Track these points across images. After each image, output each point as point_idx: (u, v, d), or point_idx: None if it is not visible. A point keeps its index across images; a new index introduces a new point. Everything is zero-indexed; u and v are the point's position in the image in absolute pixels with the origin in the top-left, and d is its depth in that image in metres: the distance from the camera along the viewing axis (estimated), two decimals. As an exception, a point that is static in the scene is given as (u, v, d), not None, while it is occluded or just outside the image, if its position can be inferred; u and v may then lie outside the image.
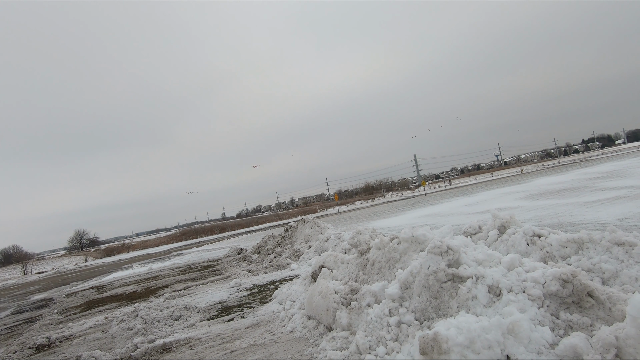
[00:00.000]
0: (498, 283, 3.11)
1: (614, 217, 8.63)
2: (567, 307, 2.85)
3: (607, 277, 3.35)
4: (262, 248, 13.92)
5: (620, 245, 3.47)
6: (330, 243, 10.52)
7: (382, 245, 4.71)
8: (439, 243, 3.58)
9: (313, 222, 13.39)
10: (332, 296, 4.31)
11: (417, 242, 4.34)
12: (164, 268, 17.06)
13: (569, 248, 3.86)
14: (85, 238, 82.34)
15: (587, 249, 3.75)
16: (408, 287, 3.64)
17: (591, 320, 2.69)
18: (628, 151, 61.55)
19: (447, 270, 3.37)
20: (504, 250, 4.54)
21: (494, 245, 4.72)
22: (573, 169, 37.21)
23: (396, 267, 4.29)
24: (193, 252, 25.86)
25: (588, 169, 30.59)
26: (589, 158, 64.02)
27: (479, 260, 3.55)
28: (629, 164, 27.30)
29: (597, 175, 22.54)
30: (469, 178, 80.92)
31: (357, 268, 4.94)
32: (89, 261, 49.71)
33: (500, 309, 2.85)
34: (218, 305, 7.09)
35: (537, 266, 3.28)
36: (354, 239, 5.56)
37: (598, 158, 55.95)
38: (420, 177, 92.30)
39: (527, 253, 4.23)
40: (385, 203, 46.00)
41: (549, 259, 3.92)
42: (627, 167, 24.98)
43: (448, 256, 3.47)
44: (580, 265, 3.53)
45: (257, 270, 10.51)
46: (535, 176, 36.42)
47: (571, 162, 59.61)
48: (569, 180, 22.85)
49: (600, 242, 3.65)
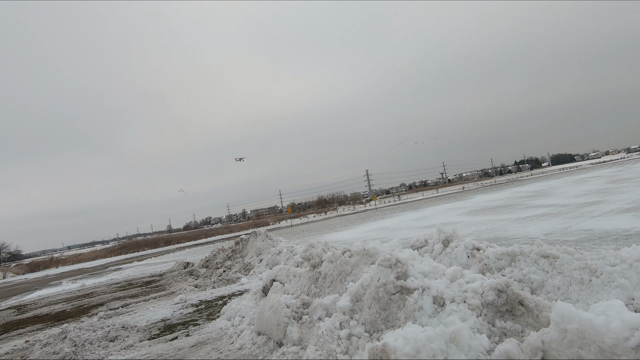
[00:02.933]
0: (442, 294, 3.28)
1: (541, 232, 9.55)
2: (501, 315, 3.08)
3: (535, 287, 3.68)
4: (210, 262, 13.35)
5: (546, 258, 3.85)
6: (283, 256, 10.40)
7: (334, 259, 4.77)
8: (388, 256, 3.71)
9: (265, 235, 13.16)
10: (283, 310, 4.25)
11: (368, 255, 4.46)
12: (99, 284, 15.64)
13: (504, 260, 4.20)
14: (4, 251, 73.02)
15: (519, 261, 4.11)
16: (359, 299, 3.70)
17: (522, 327, 2.94)
18: (552, 173, 69.07)
19: (396, 282, 3.49)
20: (448, 262, 4.82)
21: (439, 258, 4.99)
22: (507, 187, 40.75)
23: (348, 279, 4.36)
24: (134, 266, 24.04)
25: (519, 188, 33.68)
26: (520, 178, 70.63)
27: (425, 272, 3.73)
28: (552, 185, 30.55)
29: (527, 194, 24.89)
30: (416, 194, 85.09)
31: (309, 281, 4.93)
32: (8, 277, 44.04)
33: (443, 318, 3.00)
34: (160, 324, 6.63)
35: (476, 277, 3.52)
36: (306, 252, 5.56)
37: (528, 178, 61.91)
38: (371, 191, 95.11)
39: (467, 265, 4.53)
40: (338, 217, 46.69)
41: (486, 270, 4.23)
42: (551, 187, 27.94)
43: (397, 269, 3.60)
44: (513, 276, 3.85)
45: (205, 285, 10.04)
46: (475, 193, 39.31)
47: (506, 181, 65.27)
48: (504, 198, 24.96)
49: (530, 255, 4.02)
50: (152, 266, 21.03)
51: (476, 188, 58.41)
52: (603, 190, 18.17)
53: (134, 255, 47.18)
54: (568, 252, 3.80)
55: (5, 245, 73.39)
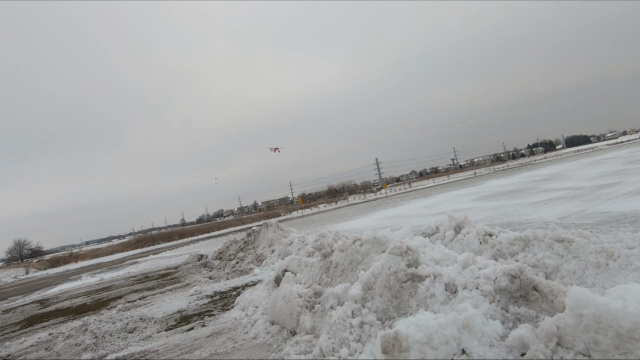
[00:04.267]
0: (454, 281, 3.26)
1: (555, 216, 9.38)
2: (515, 300, 3.05)
3: (549, 272, 3.63)
4: (223, 254, 13.54)
5: (561, 242, 3.78)
6: (294, 247, 10.47)
7: (344, 248, 4.77)
8: (399, 244, 3.69)
9: (276, 225, 13.26)
10: (295, 300, 4.29)
11: (378, 243, 4.44)
12: (117, 278, 16.06)
13: (517, 246, 4.14)
14: (26, 248, 75.37)
15: (532, 246, 4.04)
16: (370, 287, 3.71)
17: (536, 312, 2.90)
18: (566, 155, 67.49)
19: (407, 270, 3.48)
20: (459, 249, 4.78)
21: (450, 245, 4.94)
22: (520, 172, 40.03)
23: (359, 268, 4.36)
24: (150, 259, 24.59)
25: (533, 172, 33.05)
26: (534, 162, 69.26)
27: (436, 259, 3.70)
28: (567, 167, 29.88)
29: (541, 177, 24.41)
30: (427, 181, 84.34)
31: (320, 271, 4.95)
32: (31, 273, 45.56)
33: (456, 305, 2.99)
34: (177, 315, 6.79)
35: (488, 263, 3.48)
36: (317, 242, 5.58)
37: (541, 162, 60.68)
38: (382, 180, 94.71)
39: (480, 251, 4.48)
40: (349, 206, 46.71)
41: (499, 256, 4.18)
42: (566, 170, 27.33)
43: (408, 256, 3.58)
44: (526, 261, 3.80)
45: (219, 276, 10.21)
46: (487, 179, 38.75)
47: (518, 166, 64.10)
48: (517, 182, 24.54)
49: (544, 240, 3.95)
50: (167, 259, 21.47)
51: (488, 173, 57.55)
52: (620, 172, 17.69)
53: (149, 248, 48.23)
54: (583, 235, 3.72)
55: (27, 242, 75.76)
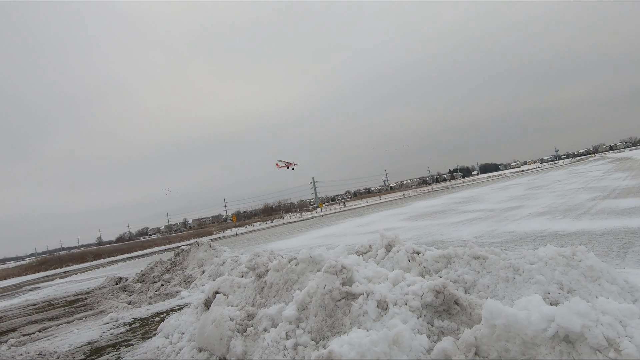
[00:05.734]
0: (385, 298, 3.38)
1: (472, 235, 10.37)
2: (439, 315, 3.26)
3: (468, 286, 3.96)
4: (147, 276, 12.40)
5: (477, 259, 4.17)
6: (227, 267, 10.02)
7: (280, 267, 4.70)
8: (334, 263, 3.75)
9: (208, 244, 12.59)
10: (226, 323, 4.07)
11: (314, 262, 4.46)
12: (11, 307, 13.70)
13: (440, 263, 4.46)
14: None
15: (454, 263, 4.39)
16: (305, 307, 3.68)
17: (457, 325, 3.13)
18: (481, 181, 75.72)
19: (342, 288, 3.53)
20: (390, 266, 5.00)
21: (382, 263, 5.15)
22: (443, 194, 43.76)
23: (294, 288, 4.31)
24: (55, 284, 21.45)
25: (453, 195, 36.36)
26: (454, 185, 76.30)
27: (369, 277, 3.82)
28: (481, 191, 33.45)
29: (460, 200, 26.94)
30: (361, 200, 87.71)
31: (254, 292, 4.79)
32: None
33: (386, 321, 3.10)
34: (86, 347, 5.98)
35: (416, 280, 3.69)
36: (251, 262, 5.41)
37: (460, 186, 67.12)
38: (317, 199, 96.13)
39: (408, 268, 4.73)
40: (284, 224, 46.36)
41: (425, 273, 4.46)
42: (480, 193, 30.57)
43: (342, 275, 3.65)
44: (449, 277, 4.11)
45: (140, 301, 9.29)
46: (415, 200, 41.60)
47: (441, 189, 70.06)
48: (440, 204, 26.74)
49: (463, 257, 4.32)
50: (78, 283, 18.99)
51: (415, 195, 61.83)
52: (522, 196, 20.32)
53: (55, 272, 42.15)
54: (495, 252, 4.16)
55: None
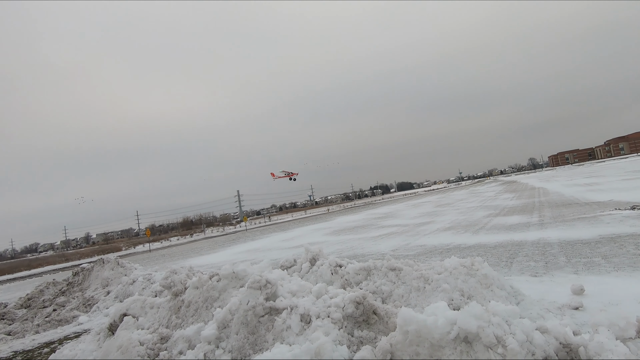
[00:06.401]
0: (309, 311, 3.43)
1: (389, 248, 11.09)
2: (359, 325, 3.41)
3: (385, 297, 4.23)
4: (34, 299, 10.58)
5: (393, 271, 4.48)
6: (137, 286, 9.10)
7: (200, 284, 4.45)
8: (258, 278, 3.69)
9: (115, 262, 11.29)
10: (135, 349, 3.68)
11: (237, 278, 4.32)
12: None
13: (361, 275, 4.69)
14: None
15: (373, 275, 4.66)
16: (226, 325, 3.53)
17: (375, 334, 3.31)
18: (397, 198, 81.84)
19: (266, 304, 3.48)
20: (314, 280, 5.08)
21: (306, 277, 5.21)
22: (364, 210, 46.12)
23: (214, 306, 4.11)
24: None
25: (373, 210, 38.57)
26: (374, 202, 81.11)
27: (293, 291, 3.84)
28: (397, 208, 36.11)
29: (379, 215, 28.69)
30: (286, 215, 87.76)
31: (169, 312, 4.44)
32: None
33: (309, 335, 3.13)
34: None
35: (338, 292, 3.82)
36: (167, 280, 5.03)
37: (380, 202, 71.60)
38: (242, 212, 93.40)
39: (331, 281, 4.87)
40: (206, 239, 43.93)
41: (347, 285, 4.64)
42: (396, 210, 32.97)
43: (267, 290, 3.60)
44: (368, 288, 4.33)
45: (24, 330, 7.87)
46: (338, 215, 43.08)
47: (363, 204, 73.89)
48: (361, 219, 28.11)
49: (381, 269, 4.61)
50: None
51: (339, 210, 64.06)
52: (432, 213, 22.45)
53: None
54: (409, 264, 4.53)
55: None
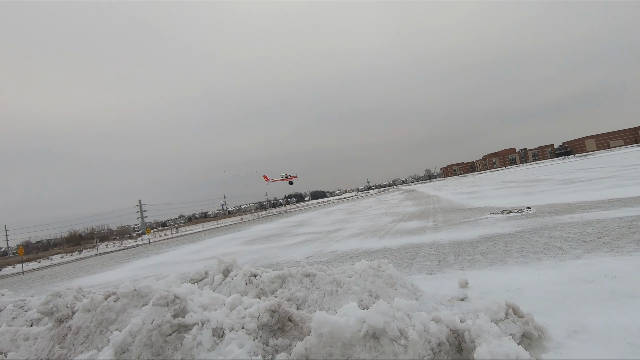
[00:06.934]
0: (222, 324, 3.28)
1: (303, 255, 11.28)
2: (274, 333, 3.39)
3: (300, 303, 4.29)
4: None
5: (308, 277, 4.58)
6: (5, 316, 7.52)
7: (92, 306, 3.91)
8: (165, 293, 3.40)
9: (-27, 288, 9.18)
10: (3, 392, 3.04)
11: (139, 295, 3.92)
12: None
13: (276, 283, 4.68)
14: None
15: (288, 282, 4.69)
16: (125, 350, 3.16)
17: (290, 340, 3.33)
18: (312, 206, 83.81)
19: (173, 321, 3.23)
20: (228, 291, 4.89)
21: (219, 289, 4.99)
22: (279, 218, 46.08)
23: (111, 329, 3.65)
24: None
25: (288, 219, 38.80)
26: (289, 210, 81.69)
27: (204, 305, 3.64)
28: (311, 216, 36.97)
29: (293, 224, 28.99)
30: (196, 225, 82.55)
31: (51, 342, 3.79)
32: None
33: (222, 349, 3.00)
34: None
35: (253, 302, 3.74)
36: (48, 305, 4.30)
37: (294, 210, 72.41)
38: (145, 224, 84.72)
39: (246, 292, 4.75)
40: (99, 255, 38.60)
41: (262, 294, 4.58)
42: (310, 218, 33.73)
43: (175, 306, 3.34)
44: (283, 296, 4.35)
45: None
46: (253, 224, 42.22)
47: (277, 213, 73.77)
48: (276, 227, 28.04)
49: (296, 276, 4.67)
50: None
51: (253, 219, 62.81)
52: (343, 220, 23.58)
53: None
54: (322, 270, 4.69)
55: None
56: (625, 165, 26.56)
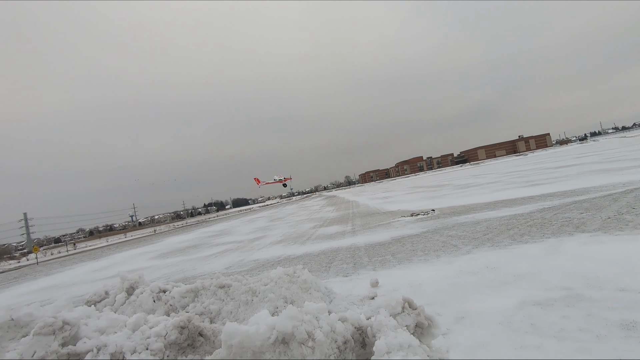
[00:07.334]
0: (122, 348, 3.01)
1: (223, 266, 10.88)
2: (183, 350, 3.23)
3: (213, 316, 4.15)
4: None
5: (222, 288, 4.46)
6: None
7: (-48, 344, 3.23)
8: (51, 320, 2.99)
9: None
10: None
11: (18, 326, 3.38)
12: None
13: (188, 297, 4.45)
14: None
15: (201, 296, 4.49)
16: (-3, 392, 2.69)
17: (201, 356, 3.20)
18: (233, 214, 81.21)
19: (61, 350, 2.85)
20: (132, 311, 4.49)
21: (122, 309, 4.55)
22: (197, 228, 43.58)
23: (-23, 369, 3.07)
24: None
25: (207, 229, 36.96)
26: (209, 219, 77.82)
27: (102, 328, 3.29)
28: (232, 225, 35.82)
29: (213, 233, 27.72)
30: (100, 240, 73.47)
31: None
32: None
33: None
34: None
35: (160, 320, 3.51)
36: None
37: (214, 219, 69.23)
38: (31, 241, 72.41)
39: (153, 310, 4.42)
40: (-34, 282, 31.71)
41: (172, 311, 4.31)
42: (231, 227, 32.66)
43: (64, 333, 2.96)
44: (195, 310, 4.15)
45: None
46: (167, 236, 39.17)
47: (196, 223, 69.70)
48: (194, 238, 26.48)
49: (210, 288, 4.51)
50: None
51: (168, 230, 58.35)
52: (265, 228, 23.36)
53: None
54: (238, 279, 4.60)
55: None
56: (507, 172, 31.37)
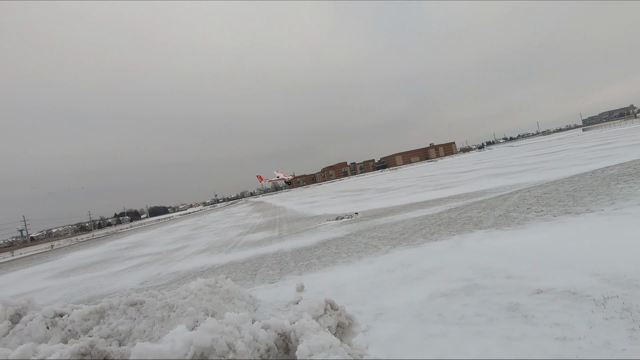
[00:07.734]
0: (2, 387, 2.55)
1: (137, 281, 9.92)
2: (84, 381, 2.85)
3: (123, 337, 3.75)
4: None
5: (134, 306, 4.06)
6: None
7: None
8: None
9: None
10: None
11: None
12: None
13: (92, 320, 3.95)
14: None
15: (108, 316, 4.03)
16: None
17: (106, 384, 2.86)
18: (150, 224, 74.68)
19: None
20: (19, 342, 3.82)
21: (4, 341, 3.85)
22: (106, 241, 39.07)
23: None
24: None
25: (119, 241, 33.38)
26: (120, 230, 70.35)
27: (-25, 367, 2.75)
28: (149, 235, 32.94)
29: (126, 246, 25.15)
30: (-24, 261, 61.14)
31: None
32: None
33: (1, 419, 2.33)
34: None
35: (55, 349, 3.05)
36: None
37: (127, 230, 62.86)
38: None
39: (47, 338, 3.82)
40: None
41: (71, 336, 3.78)
42: (148, 237, 30.01)
43: None
44: (100, 333, 3.71)
45: None
46: (69, 251, 34.35)
47: (105, 235, 62.37)
48: (102, 252, 23.68)
49: (119, 307, 4.07)
50: None
51: (70, 245, 51.21)
52: (187, 237, 21.97)
53: None
54: (152, 295, 4.23)
55: None
56: (420, 177, 34.41)
